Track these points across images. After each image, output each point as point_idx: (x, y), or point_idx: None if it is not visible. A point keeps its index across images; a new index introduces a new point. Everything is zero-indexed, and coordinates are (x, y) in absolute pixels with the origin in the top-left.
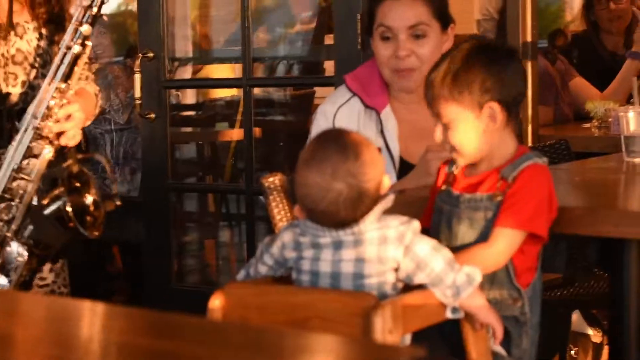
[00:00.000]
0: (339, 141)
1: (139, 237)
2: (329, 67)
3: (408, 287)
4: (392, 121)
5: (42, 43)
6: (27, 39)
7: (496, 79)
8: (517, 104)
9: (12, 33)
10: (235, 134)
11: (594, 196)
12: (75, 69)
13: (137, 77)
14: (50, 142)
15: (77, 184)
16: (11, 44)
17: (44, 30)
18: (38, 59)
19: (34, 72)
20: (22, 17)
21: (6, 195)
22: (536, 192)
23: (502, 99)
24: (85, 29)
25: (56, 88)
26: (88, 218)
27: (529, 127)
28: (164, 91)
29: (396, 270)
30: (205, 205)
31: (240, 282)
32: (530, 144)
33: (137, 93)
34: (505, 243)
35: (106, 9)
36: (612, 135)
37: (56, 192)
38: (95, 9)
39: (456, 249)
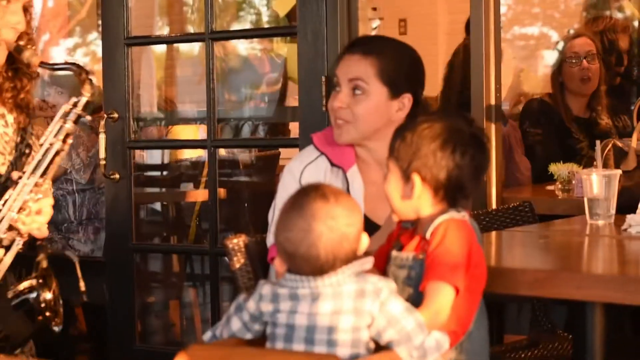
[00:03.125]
0: (318, 189)
1: (102, 297)
2: (295, 128)
3: (379, 348)
4: (358, 181)
5: (9, 130)
6: None
7: (427, 155)
8: (449, 186)
9: None
10: (200, 194)
11: (557, 258)
12: (55, 164)
13: (102, 137)
14: (20, 234)
15: (45, 278)
16: None
17: (10, 117)
18: (6, 147)
19: (0, 159)
20: None
21: None
22: (451, 245)
23: (432, 179)
24: (69, 126)
25: (35, 183)
26: (47, 313)
27: (493, 190)
28: (129, 151)
29: (369, 327)
30: (169, 265)
31: (204, 344)
32: (494, 206)
33: (102, 153)
34: (438, 299)
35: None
36: (576, 197)
37: (28, 284)
38: (80, 109)
39: None
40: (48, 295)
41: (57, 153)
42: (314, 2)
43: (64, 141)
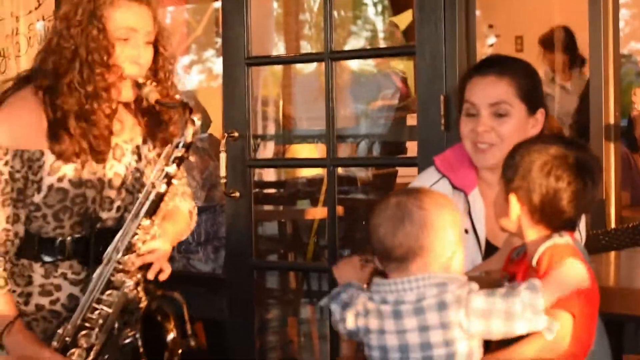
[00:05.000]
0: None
1: (222, 313)
2: (411, 146)
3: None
4: (480, 203)
5: (140, 165)
6: (125, 163)
7: (523, 177)
8: (544, 210)
9: (110, 156)
10: (318, 212)
11: None
12: (162, 205)
13: (223, 156)
14: (131, 276)
15: (158, 319)
16: (108, 167)
17: (145, 147)
18: (135, 184)
19: (129, 198)
20: (121, 137)
21: (86, 324)
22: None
23: (527, 200)
24: (171, 169)
25: (139, 225)
26: (166, 354)
27: (612, 209)
28: (249, 170)
29: (470, 337)
30: (286, 282)
31: None
32: (613, 225)
33: (223, 172)
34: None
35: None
36: None
37: (131, 327)
38: (181, 151)
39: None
40: (165, 337)
41: (162, 195)
42: (432, 22)
43: (168, 184)
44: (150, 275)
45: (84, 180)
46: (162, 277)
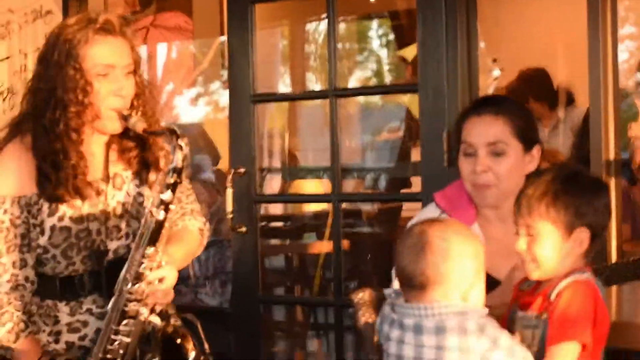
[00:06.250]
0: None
1: (228, 348)
2: (416, 180)
3: None
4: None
5: (142, 190)
6: (127, 190)
7: (590, 206)
8: (602, 234)
9: (109, 186)
10: (324, 245)
11: None
12: (163, 232)
13: (230, 192)
14: (144, 304)
15: (177, 341)
16: (110, 197)
17: (139, 178)
18: (139, 209)
19: (136, 224)
20: (119, 166)
21: (108, 356)
22: (578, 305)
23: (593, 226)
24: (167, 196)
25: (143, 254)
26: None
27: (613, 243)
28: (255, 205)
29: None
30: (293, 315)
31: None
32: (614, 259)
33: (229, 207)
34: (564, 356)
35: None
36: None
37: (151, 352)
38: (174, 177)
39: None
40: (185, 357)
41: (161, 223)
42: (434, 60)
43: (166, 211)
44: (152, 301)
45: (86, 215)
46: (163, 301)
